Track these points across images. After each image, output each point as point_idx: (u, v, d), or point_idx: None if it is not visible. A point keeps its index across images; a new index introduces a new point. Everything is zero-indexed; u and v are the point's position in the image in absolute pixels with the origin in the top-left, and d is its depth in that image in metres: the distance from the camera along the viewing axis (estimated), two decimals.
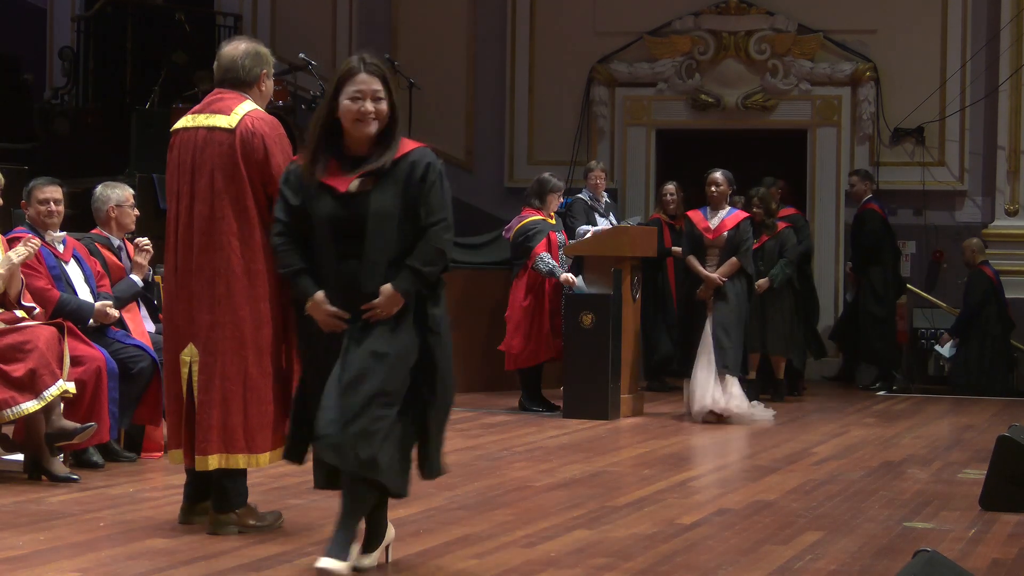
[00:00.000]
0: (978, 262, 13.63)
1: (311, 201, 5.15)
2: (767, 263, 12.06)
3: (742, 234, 10.72)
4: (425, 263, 5.09)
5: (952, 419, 11.28)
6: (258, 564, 5.32)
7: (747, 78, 14.87)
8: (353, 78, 5.11)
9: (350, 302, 5.07)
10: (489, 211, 14.89)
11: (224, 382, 5.76)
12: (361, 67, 5.13)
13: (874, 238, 13.59)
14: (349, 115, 5.10)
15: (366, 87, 5.09)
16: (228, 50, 6.05)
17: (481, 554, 5.65)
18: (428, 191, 5.11)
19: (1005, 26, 14.18)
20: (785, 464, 8.45)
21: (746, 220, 10.86)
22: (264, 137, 5.82)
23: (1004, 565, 5.72)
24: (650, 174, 14.99)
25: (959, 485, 7.75)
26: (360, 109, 5.09)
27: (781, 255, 12.13)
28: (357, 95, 5.09)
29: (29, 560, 5.26)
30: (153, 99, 13.82)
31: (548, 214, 11.19)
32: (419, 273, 5.09)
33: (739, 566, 5.55)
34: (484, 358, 12.34)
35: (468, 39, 15.71)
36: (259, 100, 6.03)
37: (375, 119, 5.11)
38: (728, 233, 10.67)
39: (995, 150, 14.31)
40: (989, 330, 13.51)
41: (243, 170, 5.80)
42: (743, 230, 10.75)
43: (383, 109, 5.12)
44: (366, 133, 5.11)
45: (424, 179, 5.11)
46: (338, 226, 5.10)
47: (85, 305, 7.70)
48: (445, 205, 5.16)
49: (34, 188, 7.76)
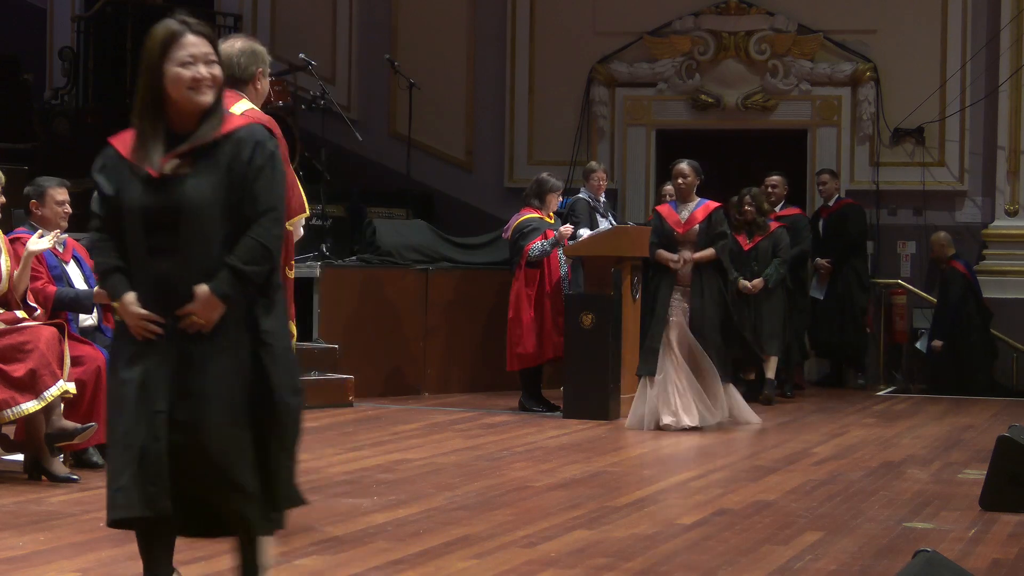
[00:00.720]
0: (948, 256, 13.62)
1: (123, 187, 4.41)
2: (761, 263, 12.04)
3: (716, 225, 10.15)
4: (247, 261, 4.34)
5: (952, 419, 11.28)
6: None
7: (747, 78, 14.86)
8: (179, 41, 4.40)
9: (164, 306, 4.33)
10: (489, 211, 14.89)
11: None
12: (187, 29, 4.42)
13: (860, 230, 13.68)
14: (181, 83, 4.36)
15: (197, 50, 4.40)
16: (224, 48, 6.04)
17: (481, 554, 5.65)
18: (255, 176, 4.38)
19: (1005, 26, 14.17)
20: (785, 464, 8.46)
21: (718, 210, 10.27)
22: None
23: (1004, 565, 5.72)
24: (650, 174, 14.98)
25: (959, 485, 7.75)
26: (194, 76, 4.37)
27: (775, 255, 12.09)
28: (188, 60, 4.37)
29: (29, 560, 5.26)
30: None
31: (547, 214, 11.20)
32: (240, 273, 4.33)
33: (739, 566, 5.55)
34: (484, 358, 12.35)
35: (468, 39, 15.70)
36: (255, 98, 6.03)
37: (211, 86, 4.41)
38: (700, 226, 10.13)
39: (995, 150, 14.31)
40: (972, 325, 13.51)
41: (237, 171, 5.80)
42: (716, 221, 10.17)
43: (218, 75, 4.43)
44: (201, 103, 4.38)
45: (251, 161, 4.38)
46: (149, 215, 4.35)
47: (83, 293, 7.69)
48: (276, 194, 4.43)
49: (49, 189, 7.77)
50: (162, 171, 4.34)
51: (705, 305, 10.02)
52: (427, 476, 7.63)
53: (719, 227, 10.16)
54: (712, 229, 10.11)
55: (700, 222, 10.11)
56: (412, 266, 12.29)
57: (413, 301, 12.20)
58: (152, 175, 4.34)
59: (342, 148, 14.38)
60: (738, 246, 12.03)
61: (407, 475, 7.65)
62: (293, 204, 5.87)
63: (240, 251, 4.35)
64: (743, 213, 12.22)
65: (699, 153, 15.22)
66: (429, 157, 15.29)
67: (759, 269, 12.03)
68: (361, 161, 15.00)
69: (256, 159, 4.38)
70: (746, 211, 12.18)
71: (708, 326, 10.00)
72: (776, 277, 12.03)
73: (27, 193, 7.81)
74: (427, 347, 12.28)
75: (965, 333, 13.46)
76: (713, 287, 10.11)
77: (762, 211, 12.19)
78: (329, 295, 11.62)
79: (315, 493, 6.94)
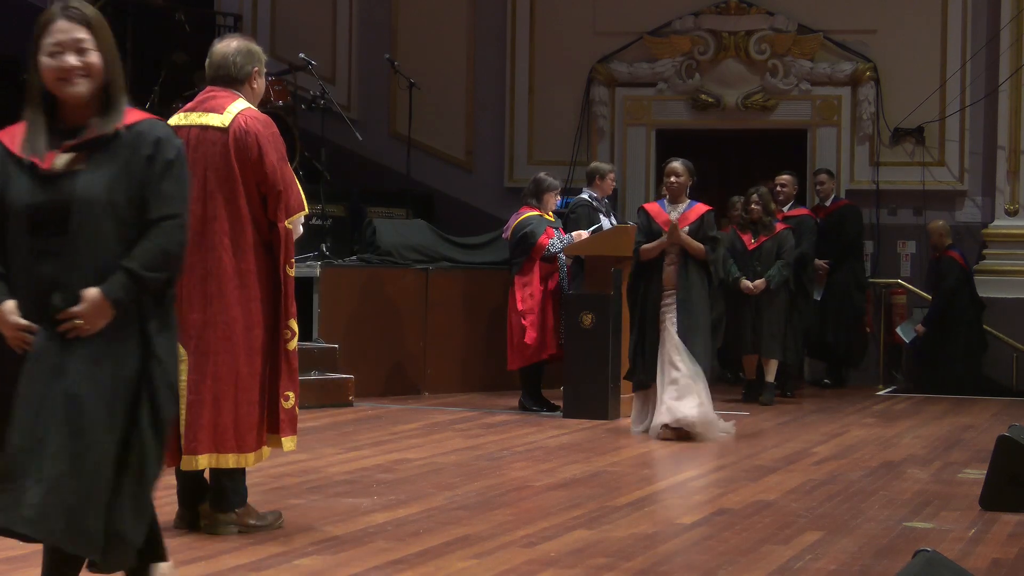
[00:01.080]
0: (946, 246, 13.61)
1: (8, 183, 4.04)
2: (764, 264, 11.99)
3: (707, 228, 9.66)
4: (146, 266, 3.97)
5: (952, 419, 11.28)
6: (258, 564, 5.32)
7: (747, 78, 14.87)
8: (49, 28, 4.07)
9: (47, 314, 3.94)
10: (489, 211, 14.90)
11: (216, 382, 5.77)
12: (60, 14, 4.06)
13: (857, 231, 13.70)
14: (49, 74, 4.05)
15: (65, 36, 4.04)
16: (219, 47, 6.05)
17: (481, 554, 5.65)
18: (159, 176, 4.02)
19: (1005, 26, 14.17)
20: (785, 464, 8.46)
21: (710, 214, 9.78)
22: (258, 136, 5.82)
23: (1004, 565, 5.72)
24: (650, 174, 14.98)
25: (959, 485, 7.75)
26: (60, 66, 4.03)
27: (779, 256, 12.04)
28: (56, 49, 4.04)
29: (29, 560, 5.26)
30: (153, 99, 13.81)
31: (545, 212, 11.20)
32: (137, 278, 3.96)
33: (739, 566, 5.55)
34: (484, 358, 12.35)
35: (468, 39, 15.71)
36: (251, 98, 6.03)
37: (83, 75, 4.03)
38: (691, 227, 9.62)
39: (995, 150, 14.31)
40: (964, 317, 13.50)
41: (236, 169, 5.81)
42: (708, 223, 9.70)
43: (93, 63, 4.04)
44: (73, 94, 4.04)
45: (153, 159, 4.02)
46: (36, 214, 3.98)
47: None
48: (179, 196, 4.06)
49: None
50: (53, 166, 4.01)
51: (691, 309, 9.52)
52: (427, 476, 7.63)
53: (710, 229, 9.68)
54: (702, 232, 9.64)
55: (691, 223, 9.65)
56: (412, 266, 12.29)
57: (413, 301, 12.20)
58: (40, 168, 4.01)
59: (342, 148, 14.38)
60: (742, 245, 12.08)
61: (407, 475, 7.65)
62: (292, 202, 5.87)
63: (140, 254, 3.98)
64: (749, 212, 12.16)
65: (699, 153, 15.29)
66: (429, 157, 15.29)
67: (762, 270, 11.97)
68: (361, 161, 15.00)
69: (158, 157, 4.03)
70: (752, 210, 12.10)
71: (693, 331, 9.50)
72: (779, 278, 11.97)
73: None
74: (427, 347, 12.28)
75: (956, 325, 13.45)
76: (701, 292, 9.61)
77: (769, 211, 12.13)
78: (329, 295, 11.62)
79: (315, 493, 6.95)
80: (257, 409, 5.85)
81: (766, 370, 12.05)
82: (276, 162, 5.80)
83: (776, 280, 11.96)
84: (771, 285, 11.93)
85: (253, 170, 5.80)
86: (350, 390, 11.14)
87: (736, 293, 11.94)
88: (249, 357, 5.80)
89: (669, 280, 9.60)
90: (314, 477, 7.43)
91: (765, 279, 11.93)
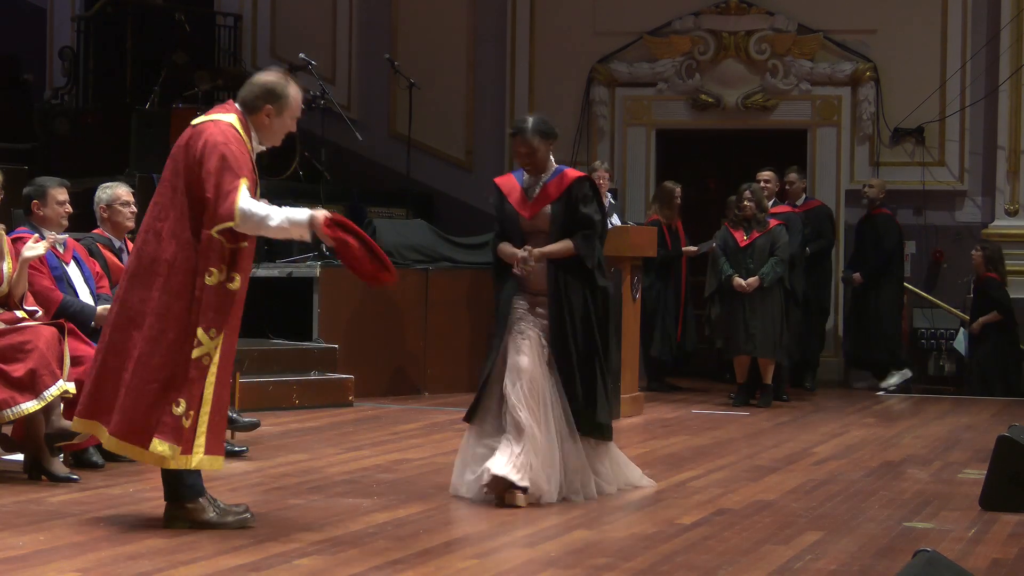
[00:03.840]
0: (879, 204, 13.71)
1: None
2: (757, 261, 11.73)
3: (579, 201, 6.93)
4: None
5: (952, 419, 11.27)
6: (258, 564, 5.32)
7: (747, 78, 14.87)
8: None
9: None
10: (489, 211, 14.80)
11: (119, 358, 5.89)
12: None
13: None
14: None
15: None
16: (258, 74, 6.25)
17: (481, 554, 5.65)
18: None
19: (1005, 26, 14.17)
20: (785, 464, 8.45)
21: (581, 182, 6.99)
22: (208, 140, 5.85)
23: (1004, 565, 5.71)
24: (650, 174, 14.99)
25: (959, 485, 7.75)
26: None
27: (772, 253, 11.76)
28: None
29: (29, 560, 5.26)
30: (153, 99, 13.82)
31: None
32: None
33: (739, 566, 5.55)
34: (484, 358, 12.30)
35: (468, 39, 15.71)
36: (262, 130, 6.07)
37: None
38: (552, 207, 6.96)
39: (995, 150, 14.31)
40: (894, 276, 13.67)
41: (183, 165, 5.90)
42: (580, 195, 6.95)
43: None
44: None
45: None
46: None
47: (87, 308, 7.71)
48: None
49: (51, 189, 7.76)
50: None
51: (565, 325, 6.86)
52: (427, 476, 7.63)
53: (585, 206, 6.94)
54: (573, 210, 6.93)
55: (554, 201, 6.95)
56: (412, 266, 12.28)
57: (413, 301, 12.20)
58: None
59: (342, 148, 14.38)
60: (735, 242, 11.85)
61: (407, 475, 7.64)
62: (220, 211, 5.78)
63: None
64: (742, 209, 11.91)
65: (699, 153, 15.35)
66: (429, 157, 15.29)
67: (755, 267, 11.72)
68: (361, 161, 15.00)
69: None
70: (745, 207, 11.84)
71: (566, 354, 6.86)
72: (773, 276, 11.68)
73: (27, 193, 7.81)
74: (427, 347, 12.27)
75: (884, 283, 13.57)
76: (577, 298, 6.92)
77: (762, 207, 11.90)
78: (329, 295, 11.61)
79: (315, 493, 6.94)
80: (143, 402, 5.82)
81: (764, 372, 11.78)
82: (214, 168, 5.79)
83: (770, 278, 11.66)
84: (765, 283, 11.65)
85: (191, 169, 5.86)
86: (350, 390, 11.13)
87: (729, 292, 11.72)
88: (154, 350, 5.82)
89: (533, 283, 6.96)
90: (314, 477, 7.43)
91: (759, 277, 11.66)
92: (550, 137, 7.04)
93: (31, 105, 15.11)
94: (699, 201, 14.56)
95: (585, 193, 6.98)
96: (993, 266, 13.39)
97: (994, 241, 13.80)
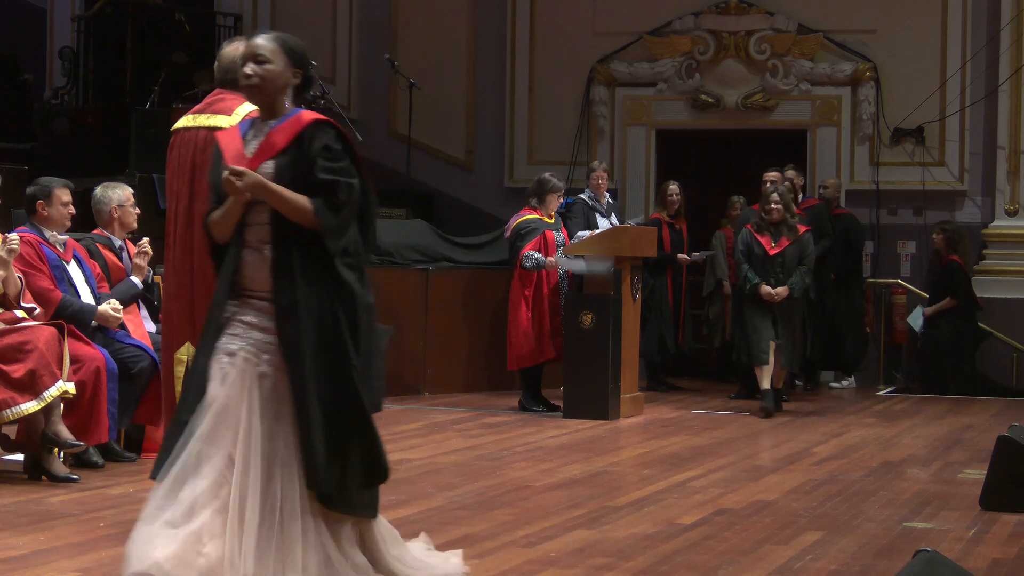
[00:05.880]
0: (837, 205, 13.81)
1: None
2: (787, 271, 10.98)
3: (318, 153, 4.71)
4: None
5: (952, 419, 11.28)
6: None
7: (747, 78, 14.86)
8: None
9: None
10: (489, 211, 14.89)
11: None
12: None
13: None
14: None
15: None
16: (228, 50, 6.05)
17: (481, 554, 5.65)
18: None
19: (1005, 26, 14.17)
20: (785, 464, 8.46)
21: (326, 128, 4.80)
22: None
23: (1004, 565, 5.72)
24: (650, 174, 14.99)
25: (959, 485, 7.75)
26: None
27: (801, 262, 11.03)
28: None
29: (29, 560, 5.26)
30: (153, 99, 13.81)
31: (547, 214, 11.20)
32: None
33: (739, 566, 5.55)
34: (484, 358, 12.35)
35: (468, 39, 15.71)
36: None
37: None
38: (278, 161, 4.74)
39: (995, 150, 14.30)
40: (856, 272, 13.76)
41: None
42: (323, 148, 4.72)
43: None
44: None
45: None
46: None
47: (87, 307, 7.70)
48: None
49: (55, 189, 7.76)
50: None
51: (297, 344, 4.60)
52: (427, 476, 7.63)
53: (328, 163, 4.70)
54: (307, 170, 4.68)
55: (279, 152, 4.72)
56: (412, 266, 12.29)
57: (413, 301, 12.20)
58: None
59: None
60: (762, 249, 11.06)
61: (407, 475, 7.64)
62: None
63: None
64: (769, 212, 11.08)
65: (699, 153, 15.35)
66: (429, 157, 15.29)
67: (784, 277, 10.95)
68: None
69: None
70: (772, 210, 11.02)
71: (299, 389, 4.60)
72: (801, 287, 10.99)
73: (32, 193, 7.80)
74: (427, 347, 12.27)
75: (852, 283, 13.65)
76: (313, 302, 4.63)
77: (791, 211, 11.11)
78: None
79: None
80: None
81: (777, 379, 11.25)
82: None
83: (799, 288, 10.96)
84: (794, 293, 10.95)
85: None
86: None
87: (753, 299, 10.97)
88: None
89: (251, 277, 4.71)
90: None
91: (788, 287, 10.92)
92: (298, 62, 4.99)
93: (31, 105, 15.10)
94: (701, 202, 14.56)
95: (327, 145, 4.73)
96: (955, 248, 13.42)
97: (956, 222, 13.85)
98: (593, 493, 7.21)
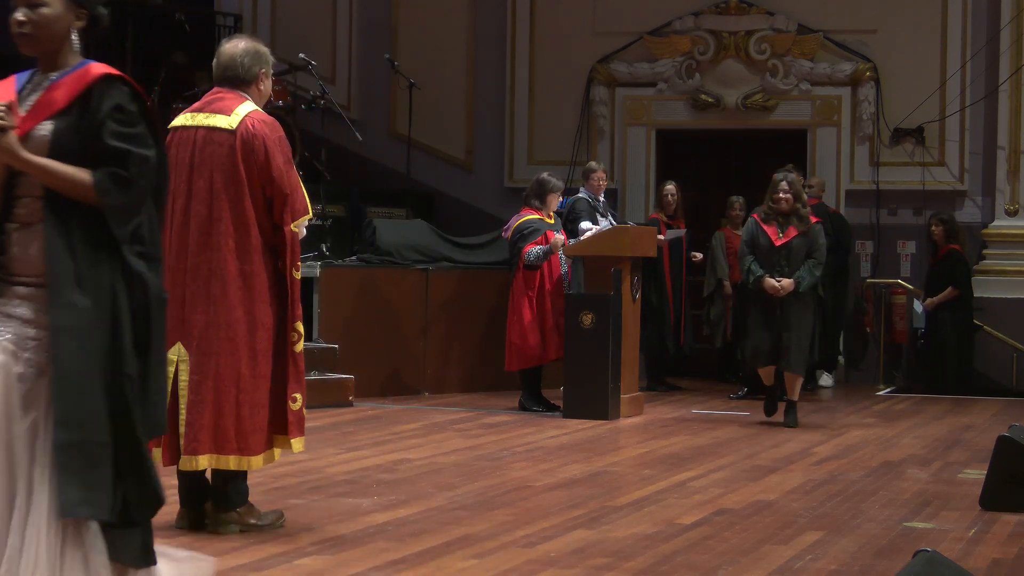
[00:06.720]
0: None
1: None
2: (793, 264, 10.25)
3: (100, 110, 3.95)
4: None
5: (952, 419, 11.28)
6: (258, 564, 5.32)
7: (747, 78, 14.87)
8: None
9: None
10: (489, 211, 14.89)
11: (217, 383, 5.78)
12: None
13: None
14: None
15: None
16: (227, 48, 6.05)
17: (481, 554, 5.65)
18: None
19: (1005, 26, 14.17)
20: (785, 464, 8.46)
21: (113, 82, 4.06)
22: (265, 139, 5.83)
23: (1004, 565, 5.72)
24: (650, 174, 14.98)
25: (959, 485, 7.75)
26: None
27: (809, 255, 10.27)
28: None
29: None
30: (153, 99, 13.82)
31: (547, 214, 11.20)
32: None
33: (739, 566, 5.55)
34: (484, 358, 12.34)
35: (468, 39, 15.71)
36: (257, 99, 6.03)
37: None
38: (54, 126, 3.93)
39: (995, 150, 14.31)
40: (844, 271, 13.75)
41: (243, 172, 5.81)
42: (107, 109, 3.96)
43: None
44: None
45: None
46: None
47: None
48: None
49: None
50: None
51: (68, 341, 3.75)
52: (427, 476, 7.63)
53: (118, 128, 3.94)
54: (95, 135, 3.88)
55: (59, 112, 3.92)
56: (412, 266, 12.29)
57: (413, 301, 12.20)
58: None
59: (342, 148, 14.38)
60: (767, 239, 10.30)
61: (407, 475, 7.65)
62: (298, 206, 5.89)
63: None
64: (776, 202, 10.31)
65: (699, 153, 15.35)
66: (429, 157, 15.29)
67: (789, 270, 10.22)
68: (361, 161, 15.00)
69: None
70: (780, 199, 10.26)
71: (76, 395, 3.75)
72: (809, 281, 10.21)
73: None
74: (427, 347, 12.27)
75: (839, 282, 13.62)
76: (89, 293, 3.78)
77: (802, 201, 10.36)
78: (329, 295, 11.61)
79: (315, 493, 6.95)
80: (262, 411, 5.84)
81: (791, 387, 10.49)
82: (282, 165, 5.82)
83: (807, 282, 10.18)
84: (800, 288, 10.17)
85: (260, 173, 5.81)
86: (350, 390, 11.13)
87: (757, 294, 10.28)
88: (252, 359, 5.80)
89: (18, 257, 3.87)
90: (314, 477, 7.44)
91: (794, 280, 10.16)
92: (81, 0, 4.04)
93: None
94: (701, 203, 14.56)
95: (119, 105, 3.98)
96: (954, 237, 13.44)
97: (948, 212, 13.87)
98: (593, 493, 7.21)
